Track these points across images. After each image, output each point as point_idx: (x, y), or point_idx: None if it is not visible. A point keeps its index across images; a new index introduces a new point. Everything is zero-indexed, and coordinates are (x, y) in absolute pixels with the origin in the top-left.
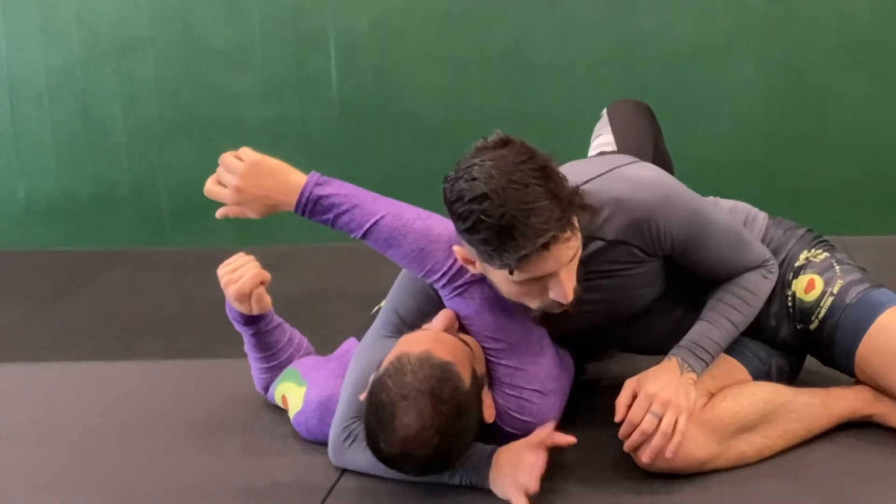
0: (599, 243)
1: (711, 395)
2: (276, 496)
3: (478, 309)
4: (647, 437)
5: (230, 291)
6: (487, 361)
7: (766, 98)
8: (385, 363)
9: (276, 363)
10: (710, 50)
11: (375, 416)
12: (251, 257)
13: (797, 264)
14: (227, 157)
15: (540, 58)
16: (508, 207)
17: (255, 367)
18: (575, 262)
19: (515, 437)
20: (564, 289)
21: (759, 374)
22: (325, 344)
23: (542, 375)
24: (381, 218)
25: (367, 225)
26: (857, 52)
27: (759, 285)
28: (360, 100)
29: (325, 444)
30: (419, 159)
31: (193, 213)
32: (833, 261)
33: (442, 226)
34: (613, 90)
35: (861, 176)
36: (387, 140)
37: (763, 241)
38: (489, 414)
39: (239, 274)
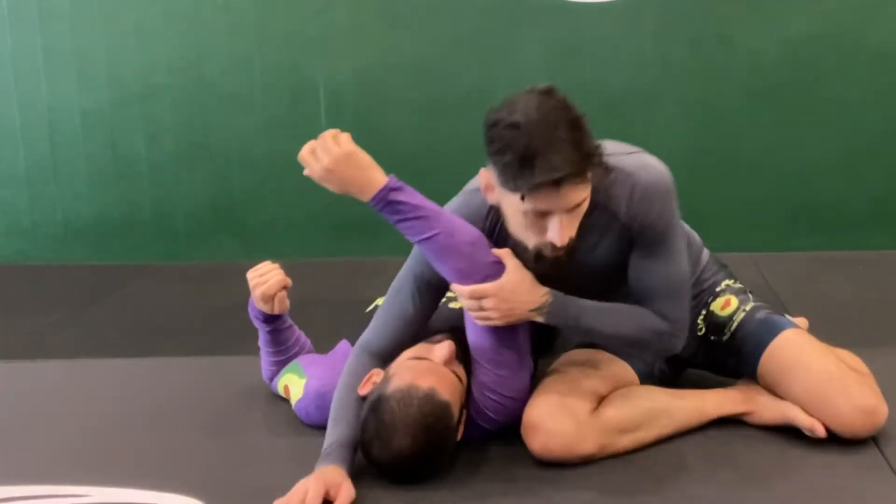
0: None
1: (601, 397)
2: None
3: (489, 327)
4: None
5: (257, 293)
6: (481, 369)
7: (688, 135)
8: (393, 386)
9: (284, 358)
10: (641, 96)
11: (376, 430)
12: (276, 265)
13: (717, 289)
14: (328, 137)
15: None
16: (534, 141)
17: (265, 359)
18: (578, 214)
19: (484, 430)
20: (560, 232)
21: (644, 375)
22: (320, 345)
23: (519, 386)
24: (435, 235)
25: (421, 238)
26: (764, 97)
27: (655, 331)
28: None
29: (322, 428)
30: None
31: (204, 233)
32: (748, 290)
33: (487, 258)
34: None
35: (766, 200)
36: None
37: (702, 270)
38: (459, 436)
39: (266, 278)
